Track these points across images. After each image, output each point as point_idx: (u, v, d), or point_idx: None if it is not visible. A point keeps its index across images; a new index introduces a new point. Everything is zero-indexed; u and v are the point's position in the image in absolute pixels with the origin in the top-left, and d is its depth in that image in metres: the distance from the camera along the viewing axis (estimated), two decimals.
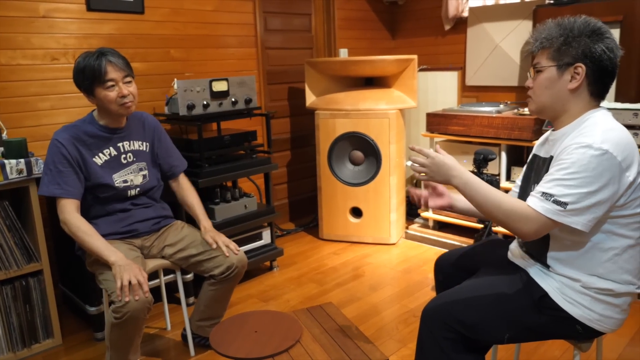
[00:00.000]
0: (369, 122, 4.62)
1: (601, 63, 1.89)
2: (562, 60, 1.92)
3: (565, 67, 1.92)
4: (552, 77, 1.95)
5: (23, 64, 3.52)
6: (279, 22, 5.17)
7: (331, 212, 4.94)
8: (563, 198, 1.77)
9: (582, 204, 1.76)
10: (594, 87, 1.93)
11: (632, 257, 1.92)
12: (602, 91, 1.97)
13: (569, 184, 1.77)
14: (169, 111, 3.90)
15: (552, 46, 1.94)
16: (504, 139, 4.26)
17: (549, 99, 1.99)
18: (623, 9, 3.95)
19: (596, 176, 1.75)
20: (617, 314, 1.94)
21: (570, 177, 1.77)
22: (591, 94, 1.95)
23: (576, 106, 1.96)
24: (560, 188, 1.78)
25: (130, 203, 2.91)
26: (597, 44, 1.88)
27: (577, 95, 1.94)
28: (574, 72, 1.91)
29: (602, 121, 1.89)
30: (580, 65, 1.89)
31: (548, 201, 1.79)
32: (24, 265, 3.11)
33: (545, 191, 1.82)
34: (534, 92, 2.03)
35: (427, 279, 4.08)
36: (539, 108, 2.04)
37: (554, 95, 1.97)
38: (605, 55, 1.88)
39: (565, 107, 1.97)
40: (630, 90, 4.01)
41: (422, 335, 2.02)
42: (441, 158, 1.98)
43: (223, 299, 3.07)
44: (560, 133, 2.00)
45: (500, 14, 5.14)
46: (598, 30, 1.90)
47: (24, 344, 3.18)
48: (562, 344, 3.08)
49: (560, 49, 1.92)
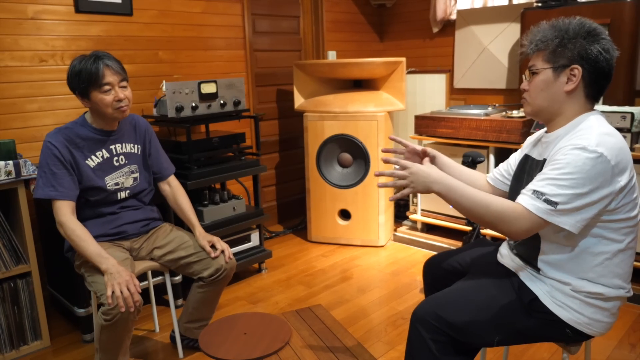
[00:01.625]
0: (357, 124, 4.64)
1: (597, 64, 1.89)
2: (558, 62, 1.92)
3: (561, 69, 1.92)
4: (548, 80, 1.95)
5: (11, 65, 3.51)
6: (267, 24, 5.18)
7: (320, 215, 4.95)
8: (554, 197, 1.78)
9: (572, 205, 1.77)
10: (589, 89, 1.94)
11: (622, 261, 1.92)
12: (597, 93, 1.97)
13: (561, 184, 1.78)
14: (157, 113, 3.90)
15: (548, 48, 1.94)
16: (492, 142, 4.29)
17: (545, 101, 1.99)
18: (611, 12, 3.97)
19: (589, 178, 1.76)
20: (607, 317, 1.96)
21: (563, 177, 1.78)
22: (587, 96, 1.95)
23: (571, 108, 1.96)
24: (553, 187, 1.79)
25: (120, 206, 2.90)
26: (593, 45, 1.88)
27: (573, 97, 1.95)
28: (570, 74, 1.91)
29: (597, 125, 1.89)
30: (577, 67, 1.89)
31: (539, 199, 1.80)
32: (12, 267, 3.10)
33: (536, 189, 1.82)
34: (530, 95, 2.03)
35: (416, 281, 4.10)
36: (534, 110, 2.04)
37: (550, 97, 1.97)
38: (602, 57, 1.89)
39: (560, 110, 1.98)
40: (618, 93, 4.04)
41: (411, 338, 2.02)
42: (418, 167, 1.98)
43: (211, 301, 3.07)
44: (553, 135, 2.01)
45: (488, 16, 5.17)
46: (594, 31, 1.90)
47: (12, 346, 3.16)
48: (551, 346, 3.10)
49: (556, 50, 1.92)
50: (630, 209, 1.88)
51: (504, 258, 2.19)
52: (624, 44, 3.95)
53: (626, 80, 4.04)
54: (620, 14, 3.94)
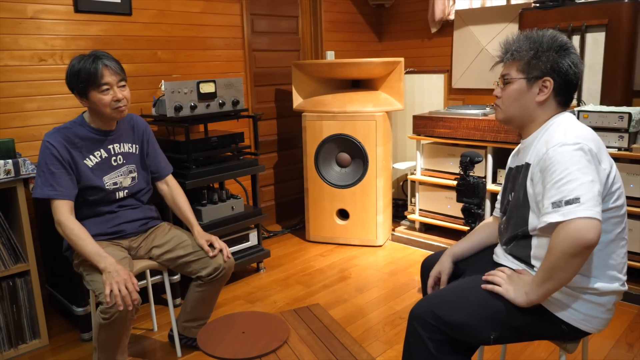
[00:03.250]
0: (355, 124, 4.64)
1: (567, 77, 1.99)
2: (532, 73, 2.01)
3: (534, 80, 2.02)
4: (521, 89, 2.05)
5: (10, 65, 3.51)
6: (266, 24, 5.18)
7: (318, 214, 4.95)
8: (571, 195, 1.77)
9: (592, 193, 1.76)
10: (560, 97, 2.04)
11: (614, 252, 1.96)
12: (567, 100, 2.06)
13: (566, 181, 1.79)
14: (156, 113, 3.90)
15: (523, 59, 2.03)
16: (490, 142, 4.29)
17: (517, 110, 2.08)
18: (608, 12, 3.97)
19: (585, 165, 1.80)
20: (602, 313, 1.97)
21: (564, 177, 1.80)
22: (558, 104, 2.05)
23: (543, 115, 2.06)
24: (562, 189, 1.79)
25: (118, 205, 2.91)
26: (564, 59, 1.98)
27: (544, 106, 2.04)
28: (542, 85, 2.01)
29: (565, 122, 1.99)
30: (549, 79, 1.99)
31: (561, 206, 1.78)
32: (11, 266, 3.11)
33: (553, 201, 1.81)
34: (503, 102, 2.11)
35: (414, 281, 4.11)
36: (506, 118, 2.13)
37: (522, 106, 2.06)
38: (571, 70, 1.99)
39: (532, 117, 2.07)
40: (616, 94, 4.04)
41: (409, 337, 2.03)
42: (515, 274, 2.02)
43: (210, 300, 3.08)
44: (529, 140, 2.10)
45: (487, 17, 5.18)
46: (564, 46, 2.00)
47: (10, 344, 3.17)
48: (548, 345, 3.11)
49: (530, 62, 2.01)
50: (616, 199, 1.93)
51: (500, 258, 2.20)
52: (621, 44, 3.96)
53: (624, 80, 4.05)
54: (618, 14, 3.95)
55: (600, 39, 4.03)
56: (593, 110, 3.62)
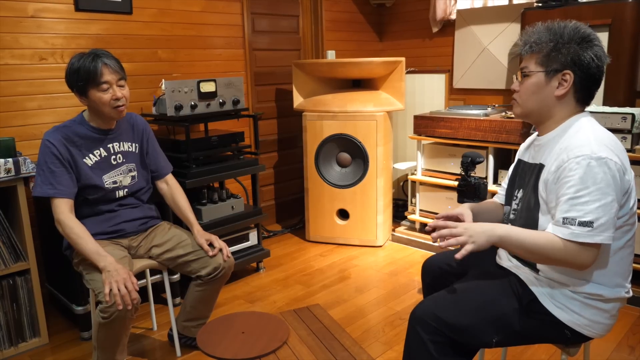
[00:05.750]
0: (356, 124, 4.64)
1: (589, 71, 1.90)
2: (551, 66, 1.92)
3: (553, 73, 1.92)
4: (539, 83, 1.96)
5: (11, 63, 3.51)
6: (266, 23, 5.18)
7: (318, 214, 4.95)
8: (586, 217, 1.75)
9: (607, 217, 1.75)
10: (580, 94, 1.94)
11: (621, 259, 1.93)
12: (587, 97, 1.97)
13: (584, 201, 1.76)
14: (156, 112, 3.90)
15: (542, 51, 1.94)
16: (491, 142, 4.29)
17: (535, 104, 1.99)
18: (612, 13, 3.95)
19: (607, 184, 1.76)
20: (606, 319, 1.95)
21: (583, 194, 1.77)
22: (577, 101, 1.96)
23: (562, 112, 1.97)
24: (579, 207, 1.77)
25: (118, 204, 2.91)
26: (586, 51, 1.88)
27: (563, 101, 1.95)
28: (562, 79, 1.92)
29: (589, 126, 1.90)
30: (569, 72, 1.90)
31: (573, 225, 1.77)
32: (11, 264, 3.10)
33: (565, 216, 1.79)
34: (520, 97, 2.03)
35: (414, 282, 4.10)
36: (524, 112, 2.05)
37: (540, 100, 1.97)
38: (594, 63, 1.89)
39: (550, 113, 1.99)
40: (619, 94, 4.03)
41: (409, 338, 2.02)
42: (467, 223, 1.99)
43: (209, 300, 3.07)
44: (545, 139, 2.02)
45: (488, 16, 5.17)
46: (587, 37, 1.90)
47: (10, 343, 3.17)
48: (549, 348, 3.10)
49: (550, 54, 1.92)
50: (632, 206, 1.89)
51: (502, 260, 2.19)
52: (624, 44, 3.94)
53: (627, 81, 4.04)
54: (622, 14, 3.93)
55: (603, 39, 4.02)
56: (596, 111, 3.61)
